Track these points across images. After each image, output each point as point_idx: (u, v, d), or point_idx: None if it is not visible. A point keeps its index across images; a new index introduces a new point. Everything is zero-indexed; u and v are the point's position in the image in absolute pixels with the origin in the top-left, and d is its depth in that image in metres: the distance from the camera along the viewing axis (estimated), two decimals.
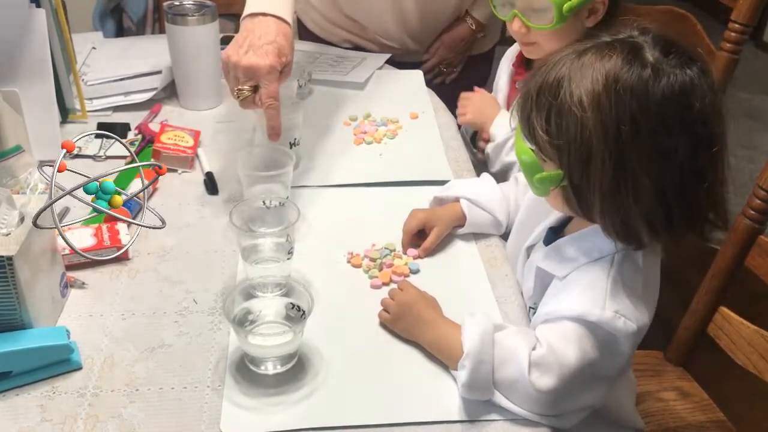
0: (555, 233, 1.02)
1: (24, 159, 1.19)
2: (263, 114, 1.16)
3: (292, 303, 0.94)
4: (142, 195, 1.15)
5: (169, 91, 1.54)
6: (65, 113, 1.42)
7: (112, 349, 0.95)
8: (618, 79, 0.84)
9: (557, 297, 0.93)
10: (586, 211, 0.90)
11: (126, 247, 1.08)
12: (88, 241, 1.07)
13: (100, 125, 1.41)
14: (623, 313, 0.88)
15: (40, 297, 0.93)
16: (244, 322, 0.93)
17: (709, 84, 0.86)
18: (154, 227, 1.10)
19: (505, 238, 1.18)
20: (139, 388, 0.90)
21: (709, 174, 0.86)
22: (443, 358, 0.94)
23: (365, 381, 0.92)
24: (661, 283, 0.97)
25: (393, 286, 1.05)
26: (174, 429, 0.85)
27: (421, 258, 1.12)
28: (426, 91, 1.62)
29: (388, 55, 1.73)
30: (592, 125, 0.84)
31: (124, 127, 1.42)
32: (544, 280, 0.99)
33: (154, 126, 1.40)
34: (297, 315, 0.93)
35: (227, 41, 1.18)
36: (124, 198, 1.13)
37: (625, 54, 0.85)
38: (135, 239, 1.11)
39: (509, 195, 1.18)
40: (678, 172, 0.84)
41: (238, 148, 1.36)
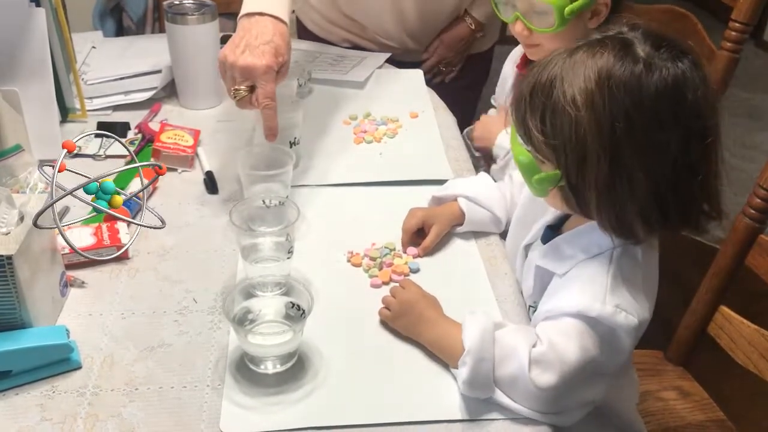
0: (553, 231, 1.02)
1: (24, 158, 1.19)
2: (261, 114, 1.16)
3: (291, 302, 0.94)
4: (141, 195, 1.15)
5: (169, 91, 1.54)
6: (65, 112, 1.42)
7: (111, 349, 0.95)
8: (610, 76, 0.83)
9: (557, 294, 0.93)
10: (584, 209, 0.90)
11: (126, 247, 1.08)
12: (88, 241, 1.07)
13: (99, 124, 1.41)
14: (624, 308, 0.88)
15: (39, 296, 0.93)
16: (243, 321, 0.93)
17: (701, 76, 0.86)
18: (153, 227, 1.10)
19: (504, 236, 1.18)
20: (139, 387, 0.90)
21: (703, 167, 0.86)
22: (444, 356, 0.94)
23: (365, 380, 0.92)
24: (661, 283, 0.96)
25: (393, 285, 1.05)
26: (174, 428, 0.85)
27: (421, 257, 1.12)
28: (426, 91, 1.62)
29: (387, 55, 1.73)
30: (586, 124, 0.84)
31: (123, 127, 1.42)
32: (543, 278, 0.99)
33: (154, 125, 1.40)
34: (297, 314, 0.93)
35: (227, 40, 1.18)
36: (123, 198, 1.13)
37: (617, 50, 0.85)
38: (135, 238, 1.11)
39: (506, 192, 1.18)
40: (672, 165, 0.84)
41: (237, 147, 1.36)
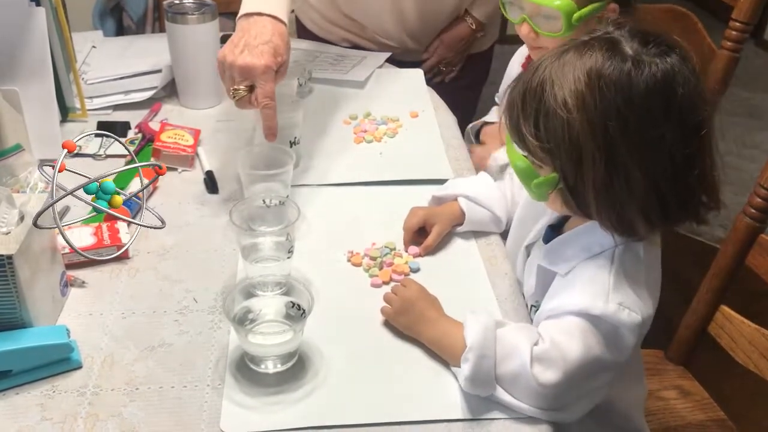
0: (554, 230, 1.02)
1: (24, 158, 1.19)
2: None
3: (292, 302, 0.94)
4: (141, 194, 1.15)
5: (169, 90, 1.54)
6: (65, 112, 1.42)
7: (112, 348, 0.95)
8: (600, 76, 0.84)
9: (560, 294, 0.93)
10: (584, 210, 0.90)
11: (126, 246, 1.08)
12: (88, 240, 1.07)
13: (100, 124, 1.41)
14: (627, 305, 0.88)
15: (40, 296, 0.93)
16: (244, 320, 0.93)
17: (691, 69, 0.86)
18: (153, 227, 1.10)
19: (504, 236, 1.18)
20: (139, 386, 0.90)
21: (699, 159, 0.86)
22: (444, 355, 0.93)
23: (365, 380, 0.92)
24: (662, 282, 0.96)
25: (393, 284, 1.05)
26: (174, 428, 0.85)
27: (422, 256, 1.12)
28: (426, 90, 1.62)
29: (388, 54, 1.73)
30: (579, 125, 0.84)
31: (124, 126, 1.42)
32: (545, 278, 0.99)
33: (154, 125, 1.40)
34: (297, 314, 0.93)
35: (227, 40, 1.18)
36: (123, 198, 1.13)
37: (604, 50, 0.85)
38: (135, 238, 1.11)
39: (506, 192, 1.18)
40: (668, 160, 0.84)
41: (238, 146, 1.36)
